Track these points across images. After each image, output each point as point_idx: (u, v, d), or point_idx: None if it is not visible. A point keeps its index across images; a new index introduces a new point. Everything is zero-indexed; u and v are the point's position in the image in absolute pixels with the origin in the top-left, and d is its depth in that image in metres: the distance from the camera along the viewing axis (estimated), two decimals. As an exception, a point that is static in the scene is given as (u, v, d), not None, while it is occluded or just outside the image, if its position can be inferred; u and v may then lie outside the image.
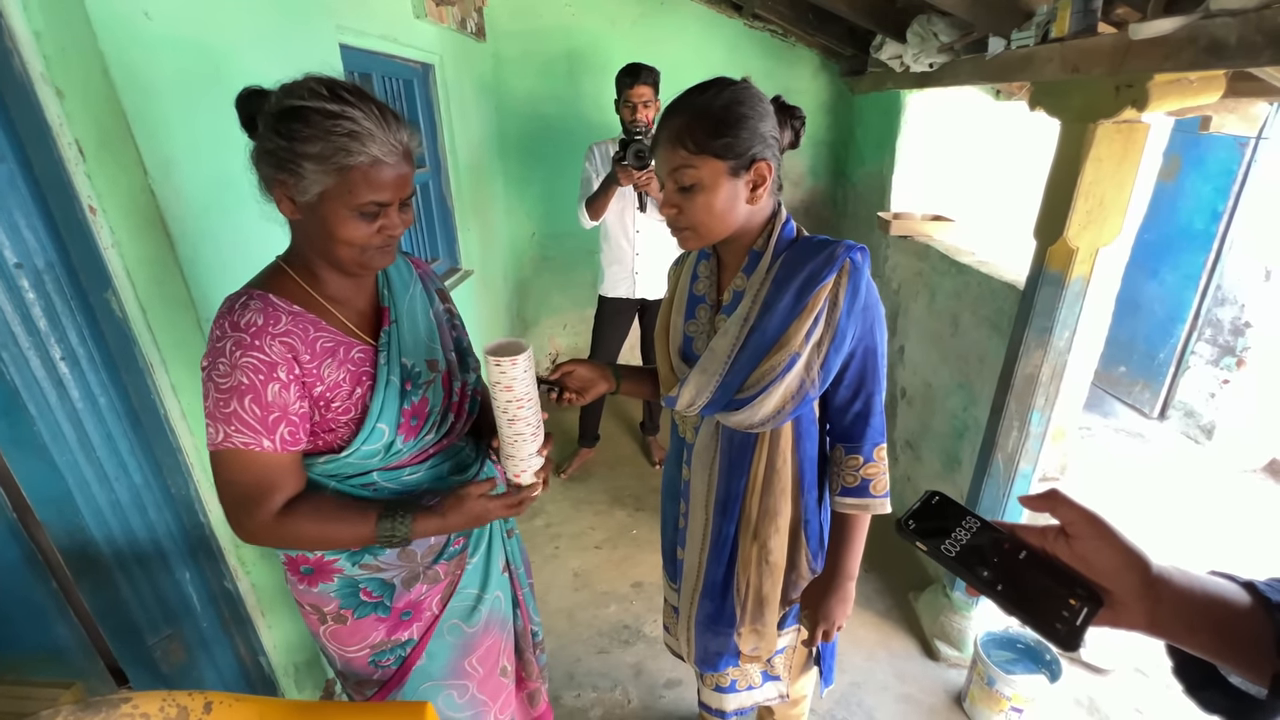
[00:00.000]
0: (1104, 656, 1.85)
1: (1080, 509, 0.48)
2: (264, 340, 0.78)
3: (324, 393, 0.84)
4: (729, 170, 0.84)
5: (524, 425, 0.88)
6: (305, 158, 0.74)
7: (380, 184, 0.77)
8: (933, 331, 2.18)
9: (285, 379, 0.80)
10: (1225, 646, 0.45)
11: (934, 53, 1.90)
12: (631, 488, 2.69)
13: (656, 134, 0.88)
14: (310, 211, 0.79)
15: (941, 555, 0.48)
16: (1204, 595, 0.46)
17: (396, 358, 0.91)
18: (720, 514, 1.05)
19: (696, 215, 0.86)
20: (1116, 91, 1.23)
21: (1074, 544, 0.47)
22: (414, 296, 1.00)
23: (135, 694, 0.90)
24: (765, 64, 3.09)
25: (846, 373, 0.93)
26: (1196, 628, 0.45)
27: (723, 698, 1.21)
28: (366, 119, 0.75)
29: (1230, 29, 0.94)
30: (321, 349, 0.84)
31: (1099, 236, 1.38)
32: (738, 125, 0.83)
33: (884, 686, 1.76)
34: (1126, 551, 0.46)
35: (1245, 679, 0.46)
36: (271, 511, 0.82)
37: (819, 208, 3.42)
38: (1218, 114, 1.57)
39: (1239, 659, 0.45)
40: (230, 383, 0.77)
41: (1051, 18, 1.37)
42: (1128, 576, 0.45)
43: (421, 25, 2.12)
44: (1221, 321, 3.08)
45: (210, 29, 1.16)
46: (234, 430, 0.78)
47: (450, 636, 1.05)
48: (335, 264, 0.85)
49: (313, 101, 0.74)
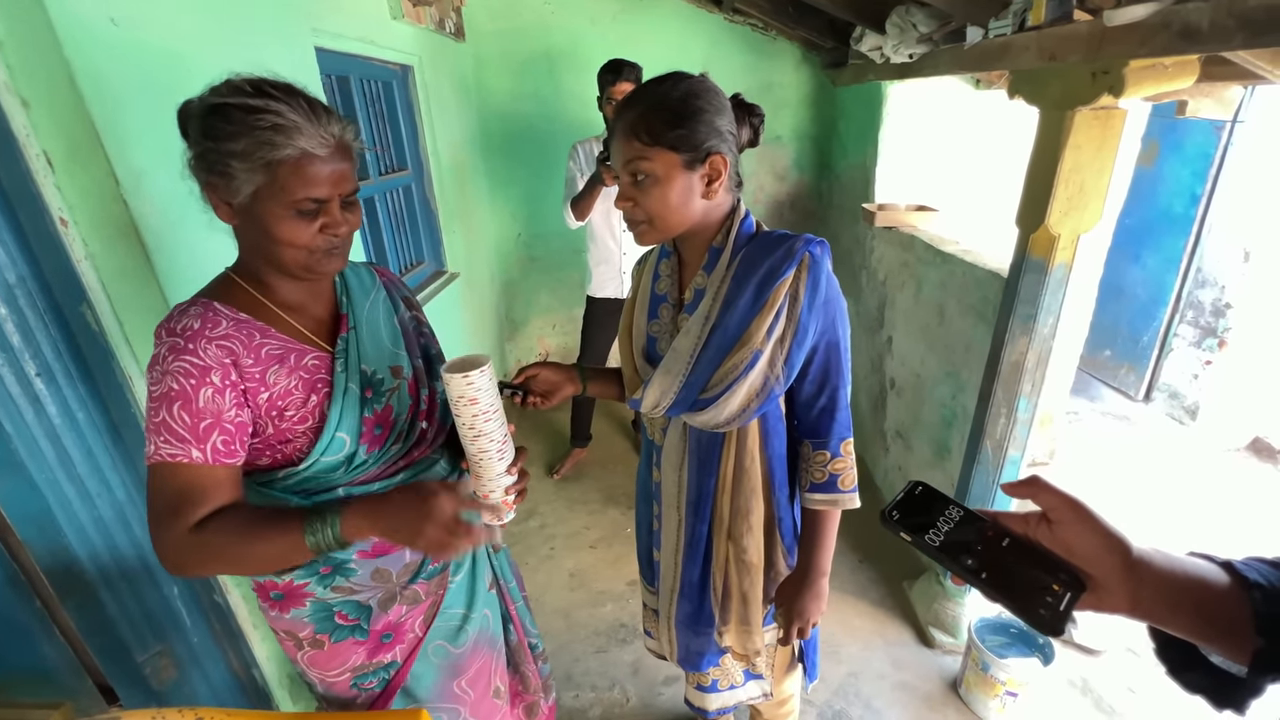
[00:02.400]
0: (1096, 638, 1.87)
1: (1061, 494, 0.48)
2: (198, 344, 0.75)
3: (273, 400, 0.80)
4: (684, 163, 0.83)
5: (488, 442, 0.84)
6: (231, 156, 0.72)
7: (313, 179, 0.74)
8: (920, 322, 2.20)
9: (220, 384, 0.75)
10: (1206, 626, 0.45)
11: (913, 43, 1.90)
12: (625, 486, 2.69)
13: (613, 125, 0.87)
14: (246, 215, 0.76)
15: (925, 545, 0.48)
16: (1184, 576, 0.46)
17: (356, 365, 0.88)
18: (692, 514, 1.05)
19: (651, 208, 0.85)
20: (1093, 78, 1.24)
21: (1056, 529, 0.47)
22: (375, 303, 0.97)
23: (124, 712, 0.89)
24: (747, 58, 3.09)
25: (810, 368, 0.93)
26: (1177, 608, 0.46)
27: (705, 697, 1.21)
28: (293, 112, 0.72)
29: (1203, 13, 0.95)
30: (267, 355, 0.80)
31: (1080, 223, 1.39)
32: (693, 118, 0.82)
33: (880, 675, 1.77)
34: (1107, 535, 0.46)
35: (1226, 658, 0.47)
36: (187, 526, 0.73)
37: (804, 201, 3.43)
38: (1193, 98, 1.59)
39: (1219, 638, 0.46)
40: (160, 389, 0.74)
41: (1028, 6, 1.37)
42: (1109, 560, 0.46)
43: (399, 26, 2.10)
44: (1203, 303, 3.12)
45: (179, 35, 1.13)
46: (162, 441, 0.73)
47: (436, 659, 1.02)
48: (282, 269, 0.81)
49: (234, 98, 0.72)
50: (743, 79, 3.10)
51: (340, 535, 0.73)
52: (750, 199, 3.35)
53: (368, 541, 0.91)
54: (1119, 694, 1.73)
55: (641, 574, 1.26)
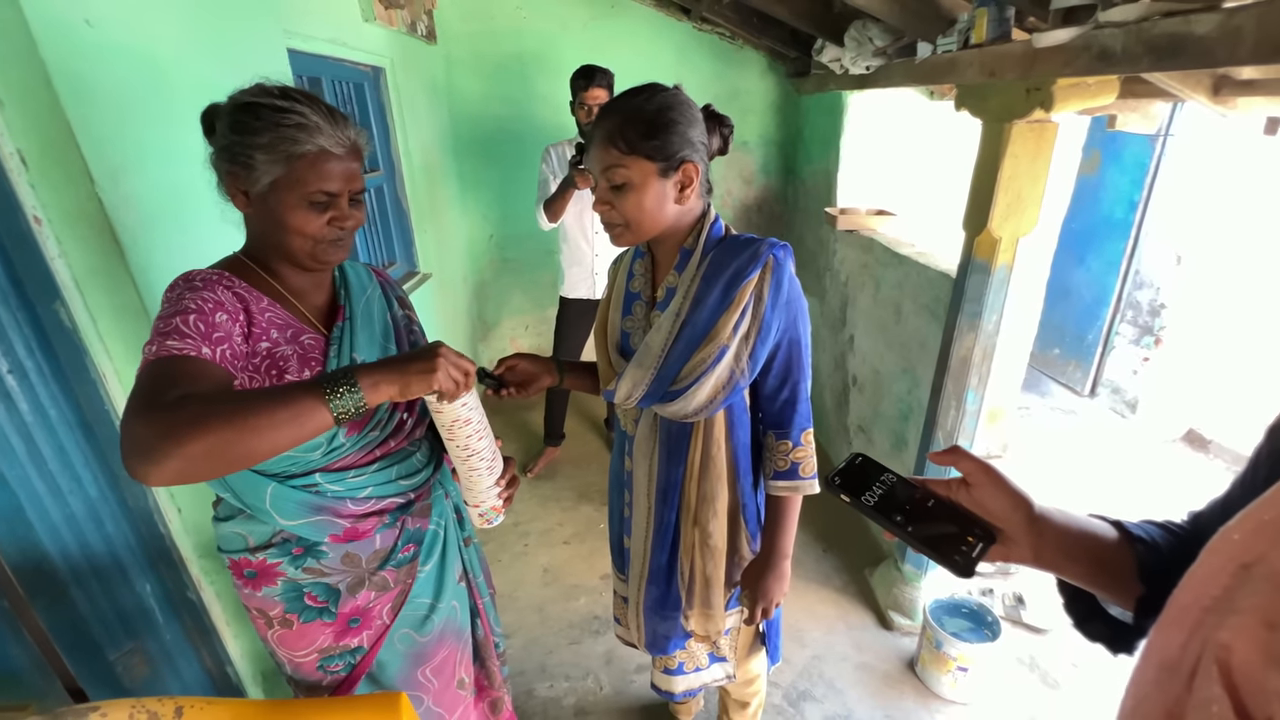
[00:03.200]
0: (1042, 618, 1.99)
1: (977, 461, 0.55)
2: (215, 287, 0.80)
3: (271, 352, 0.83)
4: (658, 171, 0.89)
5: (479, 460, 0.88)
6: (255, 148, 0.78)
7: (328, 174, 0.82)
8: (879, 320, 2.30)
9: (231, 316, 0.79)
10: (1099, 574, 0.53)
11: (869, 56, 2.00)
12: (598, 483, 2.74)
13: (591, 133, 0.92)
14: (262, 203, 0.82)
15: (862, 505, 0.55)
16: (1079, 530, 0.54)
17: (348, 351, 0.93)
18: (661, 501, 1.10)
19: (628, 212, 0.91)
20: (1027, 94, 1.34)
21: (972, 491, 0.54)
22: (371, 299, 1.02)
23: (103, 703, 0.90)
24: (715, 66, 3.18)
25: (773, 363, 1.00)
26: (1073, 558, 0.53)
27: (671, 679, 1.27)
28: (314, 114, 0.81)
29: (1116, 39, 1.05)
30: (270, 321, 0.86)
31: (1019, 227, 1.50)
32: (668, 129, 0.88)
33: (843, 657, 1.86)
34: (1014, 495, 0.54)
35: (1118, 605, 0.54)
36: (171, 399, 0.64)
37: (771, 204, 3.53)
38: (1121, 113, 1.72)
39: (1110, 586, 0.53)
40: (175, 307, 0.75)
41: (971, 25, 1.48)
42: (1015, 516, 0.53)
43: (370, 29, 2.11)
44: (1141, 303, 3.33)
45: (153, 36, 1.15)
46: (170, 340, 0.70)
47: (402, 646, 1.05)
48: (289, 256, 0.87)
49: (263, 99, 0.80)
50: (711, 86, 3.18)
51: (363, 397, 0.68)
52: (719, 203, 3.44)
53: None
54: (1063, 669, 1.84)
55: (613, 561, 1.31)
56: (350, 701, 0.99)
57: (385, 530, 0.99)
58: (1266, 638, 0.32)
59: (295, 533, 0.93)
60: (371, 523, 0.97)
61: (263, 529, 0.93)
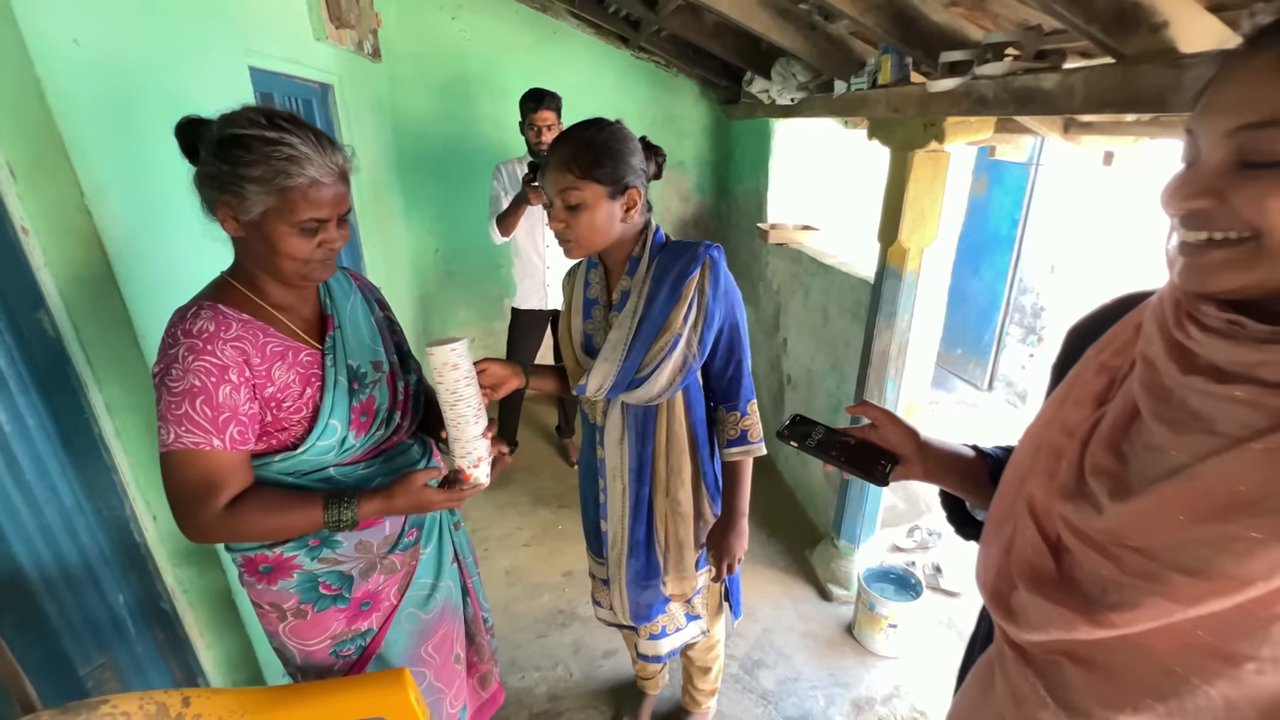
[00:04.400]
0: (956, 583, 2.27)
1: (880, 409, 0.76)
2: (216, 345, 0.85)
3: (275, 394, 0.91)
4: (608, 194, 1.05)
5: (465, 406, 0.97)
6: (248, 180, 0.81)
7: (319, 202, 0.85)
8: (809, 324, 2.55)
9: (236, 381, 0.85)
10: (965, 481, 0.74)
11: (794, 90, 2.26)
12: (553, 487, 2.82)
13: (547, 160, 1.06)
14: (254, 229, 0.86)
15: (806, 447, 0.75)
16: (952, 452, 0.75)
17: (343, 360, 0.99)
18: (635, 480, 1.24)
19: (580, 230, 1.06)
20: (924, 128, 1.61)
21: (879, 430, 0.75)
22: (355, 305, 1.08)
23: (113, 696, 0.92)
24: (651, 91, 3.39)
25: (719, 346, 1.17)
26: (949, 470, 0.74)
27: (657, 644, 1.40)
28: (304, 144, 0.83)
29: (989, 88, 1.31)
30: (271, 353, 0.91)
31: (923, 239, 1.77)
32: (615, 158, 1.04)
33: (790, 628, 2.05)
34: (908, 429, 0.74)
35: (980, 506, 0.75)
36: (219, 507, 0.86)
37: (706, 220, 3.77)
38: (999, 145, 2.05)
39: (974, 489, 0.74)
40: (183, 386, 0.82)
41: (878, 68, 1.74)
42: (909, 444, 0.73)
43: (321, 47, 2.16)
44: (1025, 307, 3.81)
45: (131, 55, 1.18)
46: (185, 431, 0.83)
47: (408, 624, 1.12)
48: (279, 277, 0.91)
49: (252, 130, 0.81)
50: (648, 110, 3.39)
51: (355, 518, 0.92)
52: (659, 218, 3.63)
53: None
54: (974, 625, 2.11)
55: (589, 547, 1.42)
56: (355, 681, 1.03)
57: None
58: (1049, 484, 0.56)
59: None
60: None
61: None
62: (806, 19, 1.92)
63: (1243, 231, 0.42)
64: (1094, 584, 0.49)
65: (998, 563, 0.59)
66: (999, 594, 0.58)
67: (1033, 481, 0.58)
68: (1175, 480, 0.45)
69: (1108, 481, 0.50)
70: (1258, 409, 0.42)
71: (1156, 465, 0.48)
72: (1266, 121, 0.40)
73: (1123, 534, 0.48)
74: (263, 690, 1.00)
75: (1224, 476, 0.43)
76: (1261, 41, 0.41)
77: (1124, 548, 0.48)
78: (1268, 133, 0.40)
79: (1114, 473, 0.51)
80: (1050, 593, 0.52)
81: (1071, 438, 0.56)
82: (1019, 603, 0.55)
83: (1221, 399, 0.44)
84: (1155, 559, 0.45)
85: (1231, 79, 0.43)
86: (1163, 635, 0.46)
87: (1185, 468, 0.45)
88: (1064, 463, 0.55)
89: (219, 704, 0.95)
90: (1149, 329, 0.52)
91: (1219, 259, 0.44)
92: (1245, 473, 0.42)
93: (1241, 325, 0.44)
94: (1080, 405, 0.57)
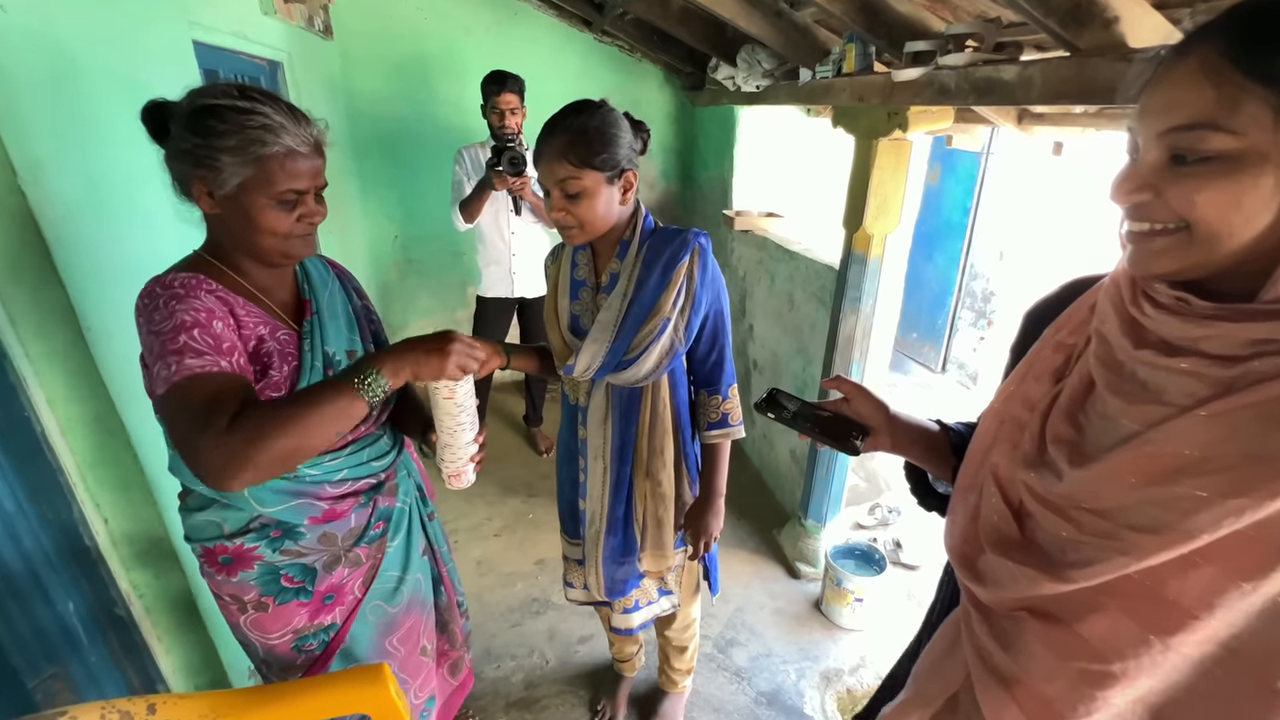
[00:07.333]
0: (917, 558, 2.37)
1: (852, 383, 0.79)
2: (199, 294, 0.82)
3: (259, 349, 0.87)
4: (607, 179, 1.05)
5: (465, 415, 0.96)
6: (223, 151, 0.79)
7: (296, 173, 0.84)
8: (774, 310, 2.59)
9: (224, 318, 0.82)
10: (930, 453, 0.78)
11: (759, 77, 2.27)
12: (522, 476, 2.80)
13: (540, 149, 1.05)
14: (230, 204, 0.83)
15: (782, 419, 0.78)
16: (918, 425, 0.79)
17: (319, 346, 0.96)
18: (617, 459, 1.25)
19: (583, 216, 1.06)
20: (888, 117, 1.65)
21: (850, 403, 0.78)
22: (333, 292, 1.05)
23: (71, 707, 0.87)
24: (615, 77, 3.35)
25: (704, 331, 1.19)
26: (914, 442, 0.78)
27: (629, 617, 1.42)
28: (277, 114, 0.82)
29: (951, 78, 1.35)
30: (253, 321, 0.88)
31: (886, 225, 1.82)
32: (612, 143, 1.04)
33: (760, 606, 2.10)
34: (878, 402, 0.78)
35: (943, 479, 0.79)
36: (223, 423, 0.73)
37: (671, 207, 3.77)
38: (956, 134, 2.12)
39: (937, 461, 0.78)
40: (173, 322, 0.77)
41: (843, 57, 1.77)
42: (879, 416, 0.77)
43: (270, 22, 2.05)
44: (976, 292, 3.98)
45: (64, 24, 1.09)
46: (188, 358, 0.75)
47: (373, 616, 1.10)
48: (258, 255, 0.88)
49: (225, 100, 0.80)
50: (612, 95, 3.33)
51: (388, 383, 0.80)
52: (623, 205, 3.61)
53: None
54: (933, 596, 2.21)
55: (564, 528, 1.42)
56: (333, 679, 1.01)
57: (360, 510, 1.04)
58: (1012, 454, 0.60)
59: (275, 517, 0.95)
60: (348, 503, 1.02)
61: (239, 515, 0.95)
62: (773, 6, 1.93)
63: (1177, 222, 0.47)
64: (1055, 545, 0.53)
65: (964, 529, 0.63)
66: (966, 558, 0.62)
67: (996, 452, 0.62)
68: (1128, 446, 0.49)
69: (1067, 450, 0.54)
70: (1202, 379, 0.47)
71: (1110, 433, 0.52)
72: (1192, 124, 0.44)
73: (1081, 497, 0.52)
74: (234, 692, 0.96)
75: (1171, 441, 0.47)
76: (1187, 48, 0.45)
77: (1082, 510, 0.52)
78: (1194, 134, 0.44)
79: (1072, 441, 0.55)
80: (1015, 554, 0.56)
81: (1033, 411, 0.60)
82: (986, 565, 0.59)
83: (1170, 371, 0.48)
84: (1111, 519, 0.50)
85: (1162, 83, 0.47)
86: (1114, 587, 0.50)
87: (1137, 435, 0.49)
88: (1026, 434, 0.60)
89: (187, 709, 0.91)
90: (1103, 307, 0.56)
91: (1159, 246, 0.48)
92: (1190, 437, 0.46)
93: (1188, 302, 0.48)
94: (1040, 380, 0.62)
